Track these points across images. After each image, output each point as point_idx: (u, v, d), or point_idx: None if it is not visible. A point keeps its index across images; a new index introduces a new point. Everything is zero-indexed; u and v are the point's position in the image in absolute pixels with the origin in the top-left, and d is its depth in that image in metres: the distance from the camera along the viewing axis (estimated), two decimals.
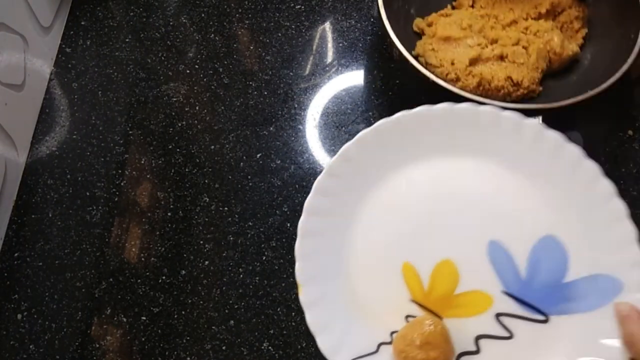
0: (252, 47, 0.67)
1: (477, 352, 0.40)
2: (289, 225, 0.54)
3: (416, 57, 0.59)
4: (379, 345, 0.40)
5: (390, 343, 0.40)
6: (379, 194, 0.44)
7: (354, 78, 0.64)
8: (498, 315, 0.40)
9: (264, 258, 0.55)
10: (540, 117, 0.51)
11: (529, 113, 0.52)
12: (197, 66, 0.65)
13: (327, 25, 0.68)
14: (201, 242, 0.56)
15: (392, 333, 0.41)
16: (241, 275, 0.55)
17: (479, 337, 0.40)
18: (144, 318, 0.53)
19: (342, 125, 0.61)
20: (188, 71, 0.65)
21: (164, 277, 0.55)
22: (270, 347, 0.52)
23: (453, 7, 0.64)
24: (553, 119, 0.52)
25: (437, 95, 0.61)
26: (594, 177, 0.41)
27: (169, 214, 0.57)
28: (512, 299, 0.41)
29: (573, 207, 0.41)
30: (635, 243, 0.39)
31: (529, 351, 0.39)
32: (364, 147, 0.44)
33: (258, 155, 0.60)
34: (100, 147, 0.61)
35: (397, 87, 0.63)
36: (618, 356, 0.37)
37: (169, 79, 0.65)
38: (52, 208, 0.58)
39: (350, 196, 0.44)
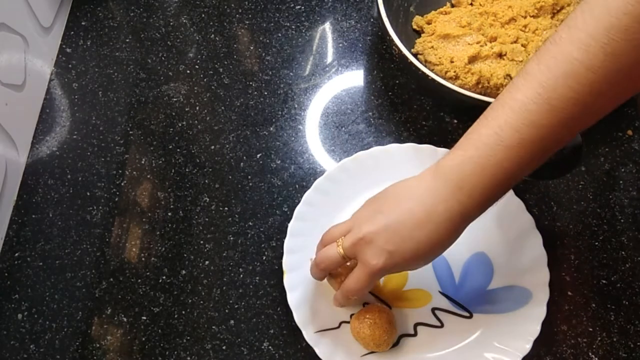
0: (252, 48, 0.67)
1: (414, 335, 0.50)
2: (288, 225, 0.54)
3: (415, 55, 0.59)
4: (340, 323, 0.51)
5: (348, 322, 0.50)
6: (350, 209, 0.53)
7: (354, 78, 0.64)
8: (434, 309, 0.51)
9: (264, 258, 0.55)
10: None
11: None
12: (197, 66, 0.65)
13: (327, 26, 0.68)
14: (201, 242, 0.56)
15: (351, 315, 0.50)
16: (241, 275, 0.55)
17: (417, 324, 0.51)
18: (144, 318, 0.53)
19: (342, 125, 0.61)
20: (188, 71, 0.65)
21: (164, 277, 0.55)
22: (270, 347, 0.52)
23: (452, 5, 0.64)
24: None
25: (436, 93, 0.61)
26: (520, 210, 0.52)
27: (169, 214, 0.57)
28: (446, 298, 0.52)
29: (503, 233, 0.53)
30: (545, 266, 0.50)
31: (454, 338, 0.50)
32: (344, 170, 0.56)
33: (258, 156, 0.60)
34: (100, 147, 0.61)
35: (397, 87, 0.63)
36: (520, 347, 0.47)
37: (169, 79, 0.65)
38: (52, 208, 0.58)
39: (329, 209, 0.55)
